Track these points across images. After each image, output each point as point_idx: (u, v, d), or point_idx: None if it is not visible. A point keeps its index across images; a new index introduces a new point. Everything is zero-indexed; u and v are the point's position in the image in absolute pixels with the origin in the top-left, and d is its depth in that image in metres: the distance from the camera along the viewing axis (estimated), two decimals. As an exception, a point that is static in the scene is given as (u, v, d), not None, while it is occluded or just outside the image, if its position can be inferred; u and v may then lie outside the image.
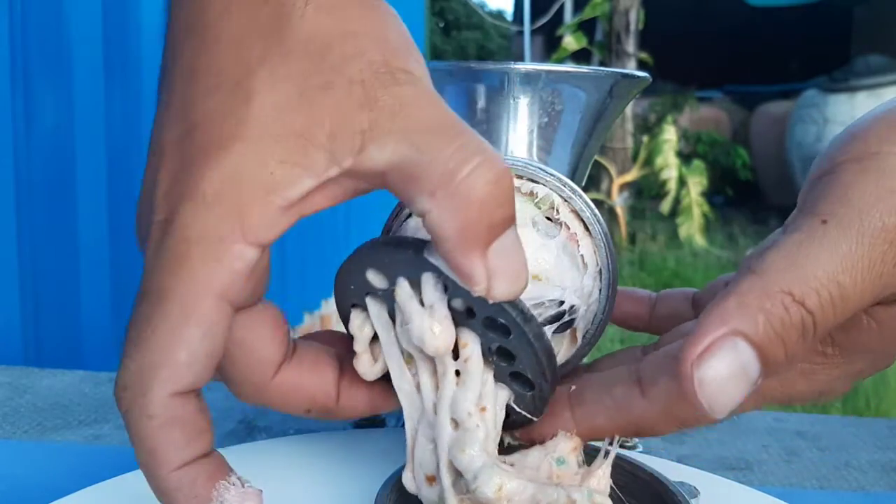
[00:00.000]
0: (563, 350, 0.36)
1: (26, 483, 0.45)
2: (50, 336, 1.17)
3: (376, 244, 0.33)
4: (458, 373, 0.32)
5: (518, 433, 0.35)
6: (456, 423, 0.32)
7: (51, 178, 1.17)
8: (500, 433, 0.33)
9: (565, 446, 0.35)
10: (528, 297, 0.33)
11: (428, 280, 0.31)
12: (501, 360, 0.32)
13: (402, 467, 0.35)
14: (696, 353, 0.29)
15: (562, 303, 0.34)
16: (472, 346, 0.32)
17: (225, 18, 0.31)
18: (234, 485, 0.30)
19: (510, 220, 0.29)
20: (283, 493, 0.38)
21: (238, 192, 0.29)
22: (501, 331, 0.31)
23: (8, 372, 0.69)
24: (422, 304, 0.31)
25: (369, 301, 0.34)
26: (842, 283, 0.29)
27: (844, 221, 0.30)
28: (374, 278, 0.33)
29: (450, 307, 0.31)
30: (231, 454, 0.44)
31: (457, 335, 0.32)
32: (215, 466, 0.30)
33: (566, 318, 0.35)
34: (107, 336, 1.29)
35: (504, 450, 0.35)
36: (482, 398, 0.32)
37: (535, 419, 0.34)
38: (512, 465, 0.34)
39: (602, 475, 0.34)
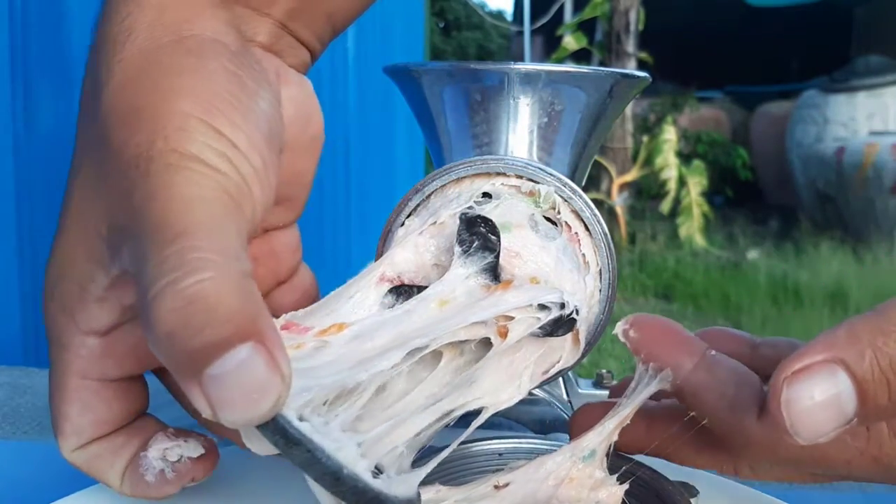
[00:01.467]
0: (566, 353, 0.36)
1: (26, 483, 0.45)
2: (50, 336, 1.17)
3: None
4: None
5: (630, 341, 0.33)
6: None
7: (51, 179, 1.17)
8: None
9: (597, 437, 0.34)
10: (529, 299, 0.33)
11: None
12: None
13: None
14: (790, 370, 0.27)
15: (563, 305, 0.34)
16: None
17: (82, 97, 0.31)
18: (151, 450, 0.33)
19: (223, 345, 0.22)
20: (283, 493, 0.38)
21: (61, 287, 0.30)
22: None
23: (8, 372, 0.69)
24: None
25: None
26: None
27: None
28: None
29: None
30: (231, 454, 0.44)
31: None
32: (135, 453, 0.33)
33: (568, 319, 0.35)
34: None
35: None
36: None
37: None
38: (506, 484, 0.33)
39: (616, 491, 0.34)
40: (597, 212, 0.37)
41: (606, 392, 0.55)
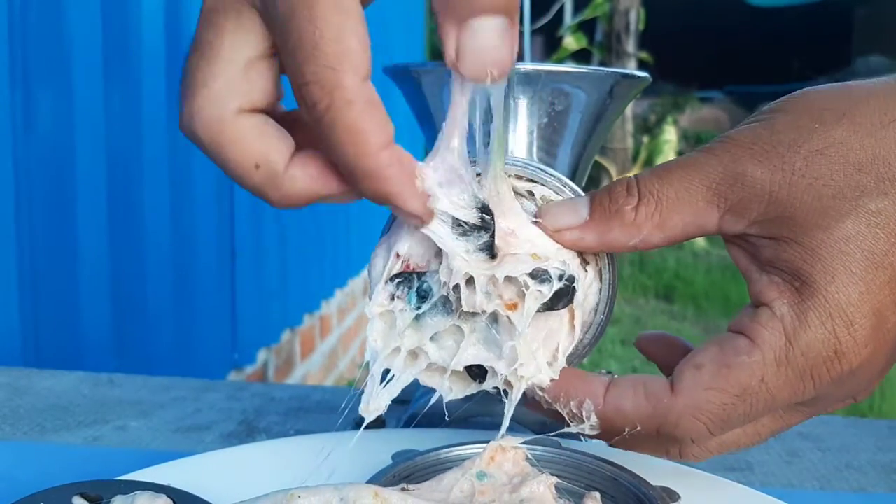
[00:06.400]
0: (563, 337, 0.37)
1: (26, 483, 0.45)
2: (49, 337, 1.17)
3: None
4: None
5: (545, 392, 0.36)
6: None
7: (50, 179, 1.17)
8: None
9: (482, 460, 0.36)
10: (535, 265, 0.34)
11: None
12: None
13: (386, 469, 0.36)
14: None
15: (562, 275, 0.35)
16: None
17: None
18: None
19: (492, 8, 0.29)
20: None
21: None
22: None
23: (7, 373, 0.69)
24: None
25: None
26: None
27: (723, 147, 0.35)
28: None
29: None
30: (231, 454, 0.44)
31: None
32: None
33: (568, 289, 0.36)
34: (106, 336, 1.29)
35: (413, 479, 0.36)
36: None
37: None
38: (412, 489, 0.34)
39: (538, 486, 0.35)
40: (597, 212, 0.37)
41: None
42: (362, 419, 0.36)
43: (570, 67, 0.41)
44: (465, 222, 0.34)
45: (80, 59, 1.21)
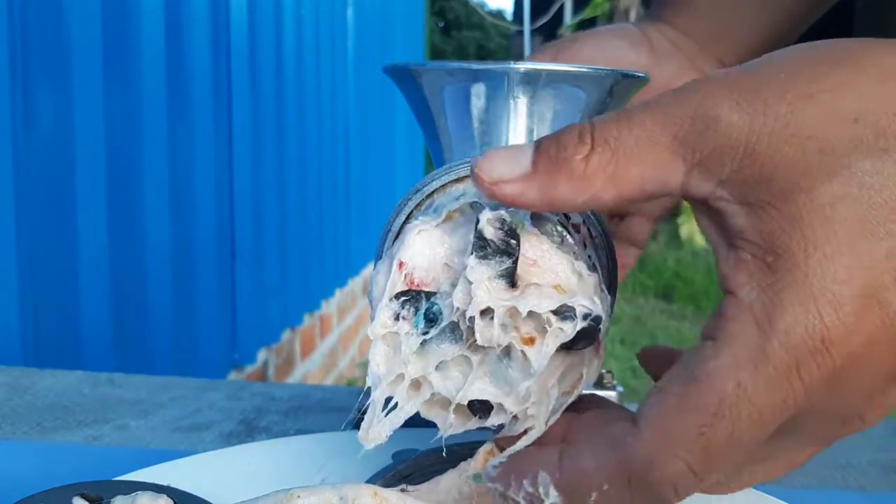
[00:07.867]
0: (587, 368, 0.34)
1: (26, 483, 0.45)
2: (49, 336, 1.17)
3: None
4: None
5: (494, 482, 0.31)
6: None
7: (50, 178, 1.17)
8: None
9: (476, 463, 0.35)
10: (560, 301, 0.32)
11: None
12: None
13: (386, 468, 0.36)
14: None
15: (587, 315, 0.32)
16: None
17: None
18: None
19: None
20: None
21: None
22: None
23: (7, 372, 0.69)
24: None
25: None
26: None
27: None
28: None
29: None
30: (231, 454, 0.44)
31: None
32: None
33: (591, 330, 0.32)
34: (106, 336, 1.29)
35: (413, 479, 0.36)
36: None
37: None
38: (412, 491, 0.34)
39: None
40: (597, 212, 0.37)
41: (608, 393, 0.55)
42: (358, 419, 0.36)
43: (570, 67, 0.41)
44: (492, 242, 0.32)
45: (80, 58, 1.21)
